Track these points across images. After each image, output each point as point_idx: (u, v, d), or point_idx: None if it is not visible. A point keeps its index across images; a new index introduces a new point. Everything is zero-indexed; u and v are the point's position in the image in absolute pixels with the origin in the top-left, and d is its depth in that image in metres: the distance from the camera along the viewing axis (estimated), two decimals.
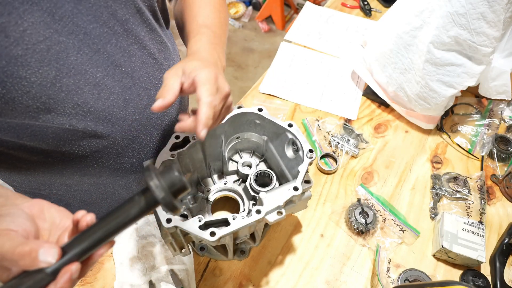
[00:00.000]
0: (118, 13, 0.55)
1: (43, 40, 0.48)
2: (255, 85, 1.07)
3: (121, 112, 0.62)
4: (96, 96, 0.57)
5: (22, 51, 0.46)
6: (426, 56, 0.83)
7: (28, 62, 0.47)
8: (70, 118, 0.56)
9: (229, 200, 0.77)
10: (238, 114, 0.68)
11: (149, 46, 0.63)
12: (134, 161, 0.70)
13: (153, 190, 0.37)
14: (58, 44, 0.49)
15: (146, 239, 0.75)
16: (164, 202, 0.37)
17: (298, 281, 0.74)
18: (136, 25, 0.59)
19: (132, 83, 0.62)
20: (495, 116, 1.00)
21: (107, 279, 0.72)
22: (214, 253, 0.72)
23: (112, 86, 0.59)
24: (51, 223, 0.42)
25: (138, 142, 0.68)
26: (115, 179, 0.72)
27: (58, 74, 0.51)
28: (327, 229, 0.81)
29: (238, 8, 2.96)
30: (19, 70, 0.47)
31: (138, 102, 0.64)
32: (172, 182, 0.37)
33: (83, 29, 0.52)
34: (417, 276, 0.73)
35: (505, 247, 0.78)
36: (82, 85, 0.54)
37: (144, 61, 0.63)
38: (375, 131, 0.98)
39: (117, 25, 0.56)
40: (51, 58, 0.49)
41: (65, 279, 0.36)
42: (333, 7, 1.31)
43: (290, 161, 0.68)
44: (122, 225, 0.39)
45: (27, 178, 0.68)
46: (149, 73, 0.64)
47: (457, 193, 0.85)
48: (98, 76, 0.56)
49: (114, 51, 0.57)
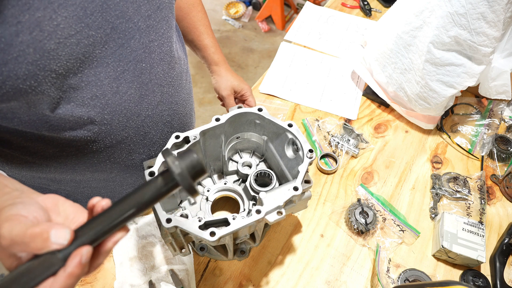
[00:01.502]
0: (142, 9, 0.57)
1: (74, 34, 0.48)
2: (255, 85, 1.07)
3: (136, 107, 0.63)
4: (115, 89, 0.58)
5: (54, 45, 0.47)
6: (426, 56, 0.83)
7: (59, 55, 0.48)
8: (88, 110, 0.56)
9: (229, 200, 0.77)
10: (238, 114, 0.68)
11: (167, 43, 0.65)
12: (144, 157, 0.72)
13: (173, 171, 0.36)
14: (87, 38, 0.50)
15: (146, 239, 0.75)
16: (184, 184, 0.36)
17: (298, 281, 0.74)
18: (157, 22, 0.61)
19: (149, 79, 0.63)
20: (495, 116, 0.99)
21: (107, 279, 0.72)
22: (214, 253, 0.72)
23: (130, 80, 0.60)
24: (65, 217, 0.41)
25: (149, 138, 0.69)
26: (125, 176, 0.73)
27: (81, 65, 0.52)
28: (327, 229, 0.81)
29: (238, 8, 2.96)
30: (51, 64, 0.47)
31: (152, 98, 0.65)
32: (192, 164, 0.37)
33: (111, 23, 0.53)
34: (417, 276, 0.73)
35: (505, 247, 0.78)
36: (103, 77, 0.56)
37: (162, 58, 0.64)
38: (375, 131, 0.98)
39: (141, 21, 0.57)
40: (79, 52, 0.50)
41: (75, 263, 0.34)
42: (333, 7, 1.31)
43: (290, 161, 0.68)
44: (139, 208, 0.37)
45: (37, 174, 0.69)
46: (165, 70, 0.66)
47: (457, 193, 0.85)
48: (119, 70, 0.57)
49: (137, 47, 0.58)
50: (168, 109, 0.71)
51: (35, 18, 0.44)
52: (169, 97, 0.69)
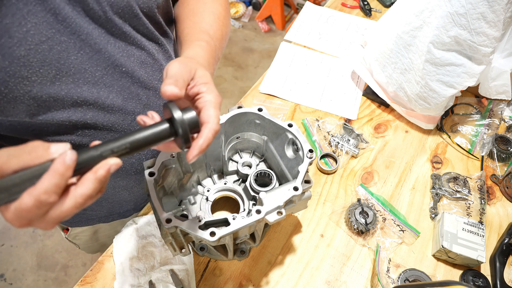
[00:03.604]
0: (116, 16, 0.56)
1: (45, 40, 0.48)
2: (255, 85, 1.07)
3: (119, 111, 0.62)
4: (96, 94, 0.58)
5: (24, 52, 0.47)
6: (426, 56, 0.83)
7: (30, 62, 0.48)
8: (69, 115, 0.56)
9: (229, 200, 0.77)
10: (238, 114, 0.68)
11: (147, 47, 0.64)
12: (134, 161, 0.71)
13: (175, 118, 0.42)
14: (59, 44, 0.50)
15: (146, 239, 0.75)
16: (183, 131, 0.42)
17: (298, 281, 0.74)
18: (131, 28, 0.60)
19: (131, 83, 0.62)
20: (495, 116, 1.00)
21: (107, 279, 0.72)
22: (214, 253, 0.72)
23: (110, 85, 0.59)
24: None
25: None
26: (116, 180, 0.72)
27: (58, 73, 0.51)
28: (327, 229, 0.81)
29: (238, 8, 2.96)
30: (21, 70, 0.47)
31: (137, 102, 0.64)
32: (192, 117, 0.43)
33: (85, 29, 0.52)
34: (417, 276, 0.73)
35: (505, 247, 0.78)
36: (82, 83, 0.55)
37: (143, 61, 0.63)
38: (375, 131, 0.98)
39: (114, 28, 0.56)
40: (52, 58, 0.50)
41: (60, 161, 0.34)
42: (333, 7, 1.31)
43: (290, 161, 0.68)
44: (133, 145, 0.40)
45: None
46: (149, 73, 0.65)
47: (457, 193, 0.85)
48: (97, 75, 0.57)
49: (114, 51, 0.58)
50: (157, 112, 0.69)
51: (3, 25, 0.44)
52: (156, 99, 0.68)
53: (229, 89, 2.51)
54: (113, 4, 0.54)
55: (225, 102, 2.36)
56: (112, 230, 0.89)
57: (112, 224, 0.86)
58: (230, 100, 2.43)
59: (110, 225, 0.87)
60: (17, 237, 1.83)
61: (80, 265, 1.76)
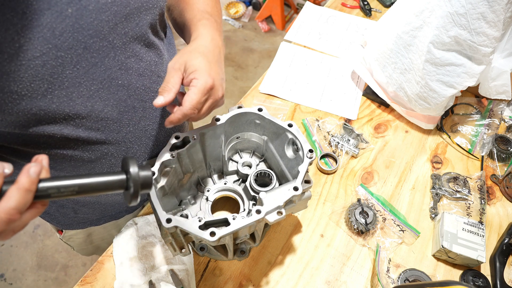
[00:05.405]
0: (118, 27, 0.55)
1: (39, 56, 0.47)
2: (255, 85, 1.07)
3: (114, 125, 0.61)
4: (90, 108, 0.56)
5: (15, 67, 0.45)
6: (426, 56, 0.83)
7: (20, 77, 0.46)
8: (61, 128, 0.55)
9: (229, 200, 0.77)
10: (238, 114, 0.68)
11: (146, 59, 0.63)
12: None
13: (131, 173, 0.43)
14: (55, 59, 0.49)
15: (146, 239, 0.75)
16: (135, 187, 0.44)
17: (298, 281, 0.74)
18: (134, 39, 0.59)
19: (127, 96, 0.61)
20: (495, 116, 0.99)
21: (107, 279, 0.72)
22: (214, 253, 0.72)
23: (106, 98, 0.58)
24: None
25: (132, 153, 0.67)
26: None
27: (50, 87, 0.50)
28: (327, 229, 0.81)
29: (238, 8, 2.96)
30: (11, 85, 0.46)
31: (133, 114, 0.63)
32: (147, 176, 0.45)
33: (83, 43, 0.51)
34: (417, 276, 0.73)
35: (505, 247, 0.78)
36: (75, 97, 0.54)
37: (141, 74, 0.62)
38: (375, 131, 0.98)
39: (117, 39, 0.55)
40: (45, 73, 0.48)
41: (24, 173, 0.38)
42: (333, 7, 1.31)
43: (290, 161, 0.68)
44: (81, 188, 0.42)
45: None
46: (146, 85, 0.64)
47: (457, 193, 0.85)
48: (93, 89, 0.55)
49: (111, 64, 0.56)
50: (153, 123, 0.68)
51: None
52: (153, 111, 0.67)
53: (229, 89, 2.51)
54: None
55: (225, 102, 2.36)
56: (106, 233, 0.89)
57: (106, 227, 0.86)
58: (230, 100, 2.43)
59: (104, 228, 0.86)
60: (17, 237, 1.83)
61: (80, 265, 1.76)
